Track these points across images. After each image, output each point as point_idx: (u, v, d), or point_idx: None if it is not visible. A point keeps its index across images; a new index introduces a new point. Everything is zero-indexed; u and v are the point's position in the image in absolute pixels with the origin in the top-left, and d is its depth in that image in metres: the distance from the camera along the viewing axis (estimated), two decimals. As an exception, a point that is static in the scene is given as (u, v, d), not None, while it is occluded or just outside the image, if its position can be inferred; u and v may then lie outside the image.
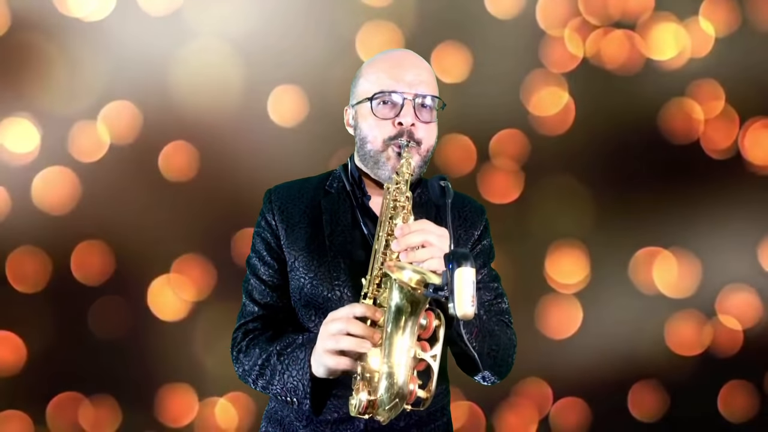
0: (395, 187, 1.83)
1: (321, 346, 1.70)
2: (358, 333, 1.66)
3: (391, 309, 1.66)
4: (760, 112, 3.63)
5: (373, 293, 1.74)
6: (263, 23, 3.44)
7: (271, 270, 1.97)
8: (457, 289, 1.51)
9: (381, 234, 1.80)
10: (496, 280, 2.03)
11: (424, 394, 1.67)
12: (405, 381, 1.65)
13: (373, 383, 1.66)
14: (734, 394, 3.65)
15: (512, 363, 1.95)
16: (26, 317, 3.34)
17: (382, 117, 1.90)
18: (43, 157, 3.34)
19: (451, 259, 1.53)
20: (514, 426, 3.57)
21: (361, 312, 1.68)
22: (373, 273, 1.76)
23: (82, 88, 3.36)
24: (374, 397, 1.65)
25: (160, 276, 3.41)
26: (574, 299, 3.59)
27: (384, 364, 1.65)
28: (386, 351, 1.65)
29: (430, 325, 1.67)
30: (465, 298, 1.50)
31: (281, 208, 1.98)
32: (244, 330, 1.96)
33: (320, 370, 1.73)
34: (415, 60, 1.97)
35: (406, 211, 1.82)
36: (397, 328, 1.65)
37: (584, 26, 3.58)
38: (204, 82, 3.41)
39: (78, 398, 3.36)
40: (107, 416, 3.37)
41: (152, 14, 3.39)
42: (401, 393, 1.65)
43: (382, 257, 1.77)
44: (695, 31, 3.61)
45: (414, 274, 1.65)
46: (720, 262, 3.64)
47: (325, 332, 1.70)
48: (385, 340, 1.65)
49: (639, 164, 3.61)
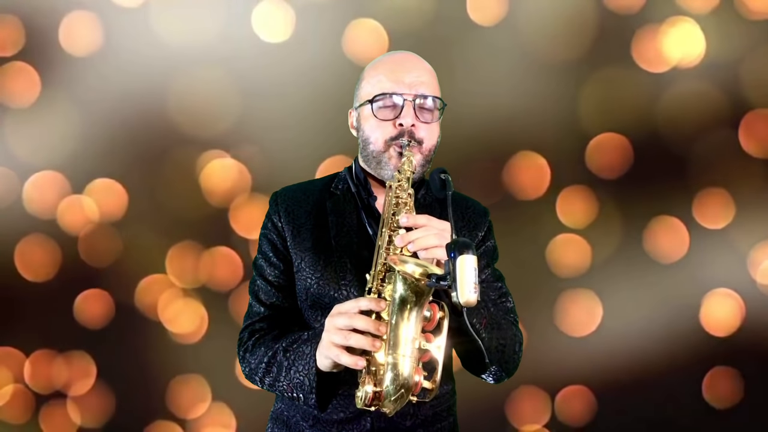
0: (397, 185, 1.85)
1: (327, 339, 1.70)
2: (364, 327, 1.66)
3: (395, 301, 1.67)
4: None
5: (377, 288, 1.75)
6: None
7: (277, 271, 1.99)
8: (459, 277, 1.53)
9: (384, 230, 1.82)
10: (500, 279, 2.04)
11: (429, 385, 1.67)
12: (410, 372, 1.66)
13: (378, 375, 1.67)
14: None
15: (519, 360, 1.95)
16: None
17: (382, 118, 1.93)
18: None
19: (453, 248, 1.55)
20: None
21: (366, 306, 1.69)
22: (377, 268, 1.77)
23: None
24: (380, 388, 1.66)
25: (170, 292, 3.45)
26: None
27: (389, 356, 1.66)
28: (391, 342, 1.66)
29: (434, 316, 1.67)
30: (467, 286, 1.53)
31: (287, 210, 2.00)
32: (251, 330, 1.97)
33: (326, 362, 1.74)
34: (416, 62, 1.99)
35: (408, 207, 1.83)
36: (402, 320, 1.66)
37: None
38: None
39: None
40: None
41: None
42: (407, 384, 1.66)
43: (385, 253, 1.78)
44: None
45: (417, 267, 1.67)
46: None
47: (332, 325, 1.70)
48: (390, 332, 1.66)
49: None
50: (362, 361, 1.66)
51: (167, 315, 3.47)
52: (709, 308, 3.59)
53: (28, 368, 3.42)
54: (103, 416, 3.45)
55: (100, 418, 3.45)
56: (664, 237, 3.59)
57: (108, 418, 3.45)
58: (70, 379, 3.44)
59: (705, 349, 3.57)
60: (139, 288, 3.46)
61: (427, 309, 1.68)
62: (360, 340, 1.66)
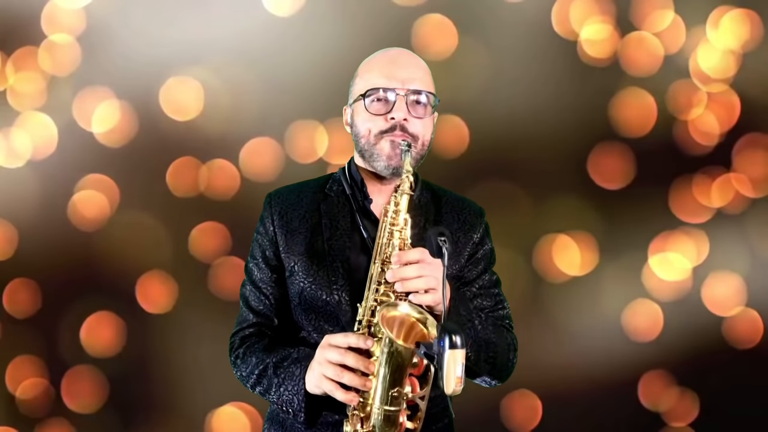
0: (394, 209, 1.86)
1: (320, 371, 1.77)
2: (354, 365, 1.73)
3: (384, 352, 1.73)
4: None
5: (368, 321, 1.80)
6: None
7: (266, 277, 1.98)
8: (446, 370, 1.57)
9: (377, 261, 1.83)
10: (496, 285, 2.03)
11: (412, 425, 1.76)
12: (395, 415, 1.75)
13: (366, 410, 1.76)
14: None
15: (513, 366, 1.97)
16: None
17: (374, 112, 1.91)
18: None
19: (442, 335, 1.57)
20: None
21: (355, 343, 1.75)
22: (368, 303, 1.81)
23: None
24: (368, 428, 1.76)
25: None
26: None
27: (376, 399, 1.74)
28: (377, 386, 1.74)
29: (421, 365, 1.74)
30: (453, 379, 1.57)
31: (281, 213, 1.99)
32: (241, 336, 1.98)
33: (316, 390, 1.80)
34: (409, 58, 1.98)
35: (403, 236, 1.85)
36: (389, 369, 1.73)
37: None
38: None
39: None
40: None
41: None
42: (392, 425, 1.75)
43: (376, 286, 1.81)
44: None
45: (407, 315, 1.73)
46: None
47: (323, 358, 1.76)
48: (378, 374, 1.73)
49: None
50: (357, 398, 1.74)
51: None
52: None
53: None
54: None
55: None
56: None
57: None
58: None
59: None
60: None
61: (416, 357, 1.74)
62: (353, 380, 1.73)
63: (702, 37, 3.56)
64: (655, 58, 3.56)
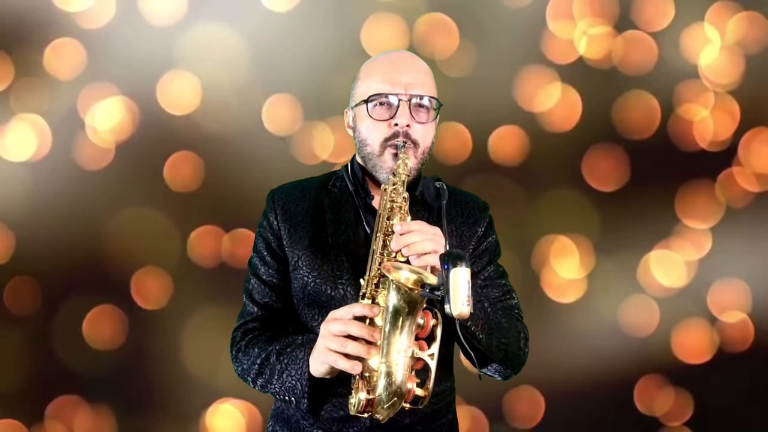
0: (392, 188, 1.85)
1: (323, 344, 1.73)
2: (358, 334, 1.69)
3: (388, 309, 1.69)
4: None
5: (371, 293, 1.77)
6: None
7: (271, 270, 1.98)
8: (452, 290, 1.56)
9: (378, 234, 1.82)
10: (503, 276, 2.03)
11: (422, 393, 1.70)
12: (403, 380, 1.69)
13: (371, 382, 1.70)
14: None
15: (525, 356, 1.96)
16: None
17: (377, 118, 1.91)
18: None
19: (446, 259, 1.57)
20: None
21: (360, 311, 1.71)
22: (371, 273, 1.78)
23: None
24: (373, 396, 1.69)
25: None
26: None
27: (382, 363, 1.68)
28: (384, 350, 1.69)
29: (428, 324, 1.70)
30: (460, 299, 1.55)
31: (284, 209, 1.99)
32: (244, 329, 1.97)
33: (321, 368, 1.76)
34: (411, 62, 1.98)
35: (404, 211, 1.83)
36: (395, 328, 1.69)
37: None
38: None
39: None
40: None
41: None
42: (399, 391, 1.69)
43: (379, 257, 1.79)
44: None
45: (411, 274, 1.68)
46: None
47: (327, 331, 1.72)
48: (384, 339, 1.69)
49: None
50: (359, 366, 1.69)
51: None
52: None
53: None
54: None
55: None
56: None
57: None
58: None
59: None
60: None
61: (421, 317, 1.70)
62: (356, 348, 1.68)
63: (703, 37, 3.57)
64: (654, 59, 3.56)
